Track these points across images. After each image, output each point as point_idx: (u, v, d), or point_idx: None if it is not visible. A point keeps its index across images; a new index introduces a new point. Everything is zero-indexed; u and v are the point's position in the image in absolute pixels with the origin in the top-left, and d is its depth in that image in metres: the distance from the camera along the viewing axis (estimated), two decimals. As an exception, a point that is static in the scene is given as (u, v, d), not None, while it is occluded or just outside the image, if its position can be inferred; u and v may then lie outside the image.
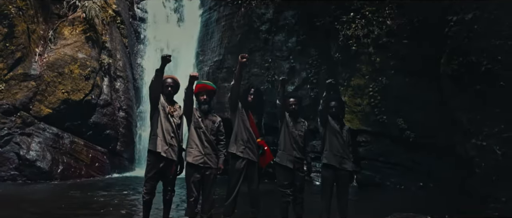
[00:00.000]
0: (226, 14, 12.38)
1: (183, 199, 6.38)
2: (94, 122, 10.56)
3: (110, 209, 5.84)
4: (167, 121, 3.93)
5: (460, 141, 7.37)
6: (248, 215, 4.21)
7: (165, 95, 4.00)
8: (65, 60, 10.34)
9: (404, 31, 8.81)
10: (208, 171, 3.91)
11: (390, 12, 9.22)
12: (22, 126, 9.21)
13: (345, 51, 9.35)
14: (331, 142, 4.21)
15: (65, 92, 10.00)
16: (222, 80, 11.83)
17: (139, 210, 5.51)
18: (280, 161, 4.23)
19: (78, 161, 9.77)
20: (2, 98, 9.22)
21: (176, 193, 4.18)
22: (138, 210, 5.76)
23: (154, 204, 4.21)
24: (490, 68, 7.09)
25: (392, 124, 8.65)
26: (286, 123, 4.24)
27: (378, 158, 8.83)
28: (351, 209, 5.28)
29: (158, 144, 3.85)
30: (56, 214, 5.40)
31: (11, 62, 9.52)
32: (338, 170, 4.20)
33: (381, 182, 8.66)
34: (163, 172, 3.88)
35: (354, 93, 9.24)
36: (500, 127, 6.77)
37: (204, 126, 3.94)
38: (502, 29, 7.07)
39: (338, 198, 4.28)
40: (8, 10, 9.56)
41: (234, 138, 4.14)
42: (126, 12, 13.49)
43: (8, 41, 9.55)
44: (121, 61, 12.08)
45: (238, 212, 4.18)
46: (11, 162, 8.73)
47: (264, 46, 11.10)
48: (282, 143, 4.29)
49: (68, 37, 10.98)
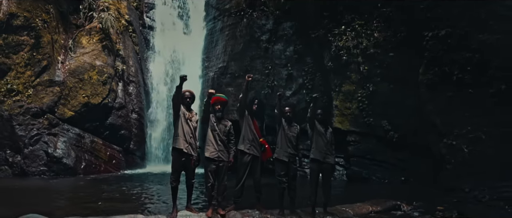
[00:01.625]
0: (229, 24, 13.46)
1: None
2: (110, 123, 11.65)
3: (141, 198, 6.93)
4: (186, 125, 5.02)
5: (434, 140, 8.46)
6: (253, 199, 5.33)
7: (184, 105, 5.08)
8: (84, 67, 11.43)
9: (389, 43, 9.92)
10: (222, 163, 5.02)
11: (377, 25, 10.32)
12: (49, 127, 10.31)
13: (337, 60, 10.45)
14: (317, 141, 5.32)
15: (85, 96, 11.10)
16: (226, 85, 12.93)
17: (164, 198, 6.64)
18: (277, 156, 5.34)
19: (98, 158, 10.88)
20: (31, 102, 10.34)
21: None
22: (163, 197, 6.87)
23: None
24: (460, 77, 8.16)
25: (378, 126, 9.76)
26: (283, 126, 5.34)
27: (366, 155, 9.94)
28: (339, 197, 6.41)
29: (180, 142, 4.93)
30: (103, 205, 6.15)
31: (38, 70, 10.63)
32: (322, 163, 5.31)
33: (368, 177, 9.77)
34: (185, 164, 4.97)
35: (344, 98, 10.34)
36: (467, 128, 7.86)
37: (218, 129, 5.05)
38: (471, 44, 8.14)
39: (323, 185, 5.41)
40: (35, 23, 10.68)
41: (242, 138, 5.26)
42: (136, 21, 14.57)
43: (35, 51, 10.66)
44: (133, 67, 13.16)
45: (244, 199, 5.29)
46: (41, 158, 9.83)
47: (265, 54, 12.20)
48: (279, 142, 5.39)
49: (86, 46, 12.07)
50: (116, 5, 13.44)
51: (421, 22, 9.08)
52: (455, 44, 8.32)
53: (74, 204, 5.85)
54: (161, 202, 6.65)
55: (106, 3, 13.18)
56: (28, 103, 10.21)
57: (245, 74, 12.11)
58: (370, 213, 5.58)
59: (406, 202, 6.16)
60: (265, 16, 12.51)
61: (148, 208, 5.96)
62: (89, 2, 13.15)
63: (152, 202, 6.67)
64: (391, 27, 10.04)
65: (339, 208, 5.55)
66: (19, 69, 10.46)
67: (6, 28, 10.40)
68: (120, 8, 13.59)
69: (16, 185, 8.30)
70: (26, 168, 9.60)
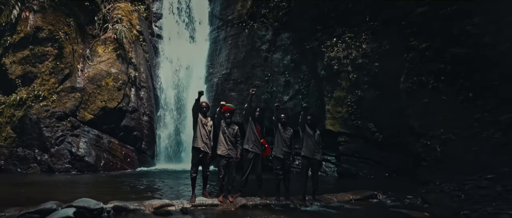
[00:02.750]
0: (232, 34, 14.68)
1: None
2: (125, 125, 12.85)
3: (159, 190, 8.12)
4: (203, 129, 6.21)
5: (412, 141, 9.66)
6: (255, 188, 6.55)
7: (201, 113, 6.28)
8: (101, 74, 12.64)
9: (375, 54, 11.10)
10: (231, 159, 6.24)
11: (365, 37, 11.50)
12: (72, 129, 11.51)
13: (329, 69, 11.65)
14: (307, 141, 6.54)
15: (102, 101, 12.30)
16: (229, 90, 14.14)
17: (175, 189, 7.83)
18: (275, 153, 6.55)
19: (114, 156, 12.09)
20: (55, 107, 11.53)
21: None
22: (174, 189, 8.06)
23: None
24: (435, 86, 9.38)
25: (365, 128, 10.95)
26: (279, 130, 6.56)
27: (354, 154, 11.15)
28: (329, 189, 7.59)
29: (198, 142, 6.13)
30: (131, 194, 7.24)
31: (61, 78, 11.84)
32: (311, 159, 6.53)
33: (356, 173, 10.99)
34: (202, 159, 6.17)
35: (335, 103, 11.54)
36: (440, 130, 9.07)
37: (228, 132, 6.26)
38: (445, 56, 9.35)
39: (312, 177, 6.62)
40: (58, 35, 11.90)
41: (246, 139, 6.48)
42: (146, 30, 15.78)
43: (58, 60, 11.87)
44: (144, 74, 14.36)
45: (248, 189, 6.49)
46: (65, 157, 11.04)
47: (264, 62, 13.40)
48: (276, 142, 6.59)
49: (102, 54, 13.27)
50: (128, 16, 14.65)
51: (403, 36, 10.30)
52: (432, 56, 9.54)
53: (112, 194, 6.92)
54: (174, 193, 7.83)
55: (119, 14, 14.41)
56: (53, 108, 11.41)
57: (246, 80, 13.49)
58: (350, 201, 6.79)
59: (382, 192, 7.38)
60: (265, 27, 13.72)
61: (166, 197, 7.16)
62: (104, 13, 14.39)
63: (167, 192, 7.86)
64: (378, 40, 11.24)
65: (325, 196, 6.78)
66: (44, 77, 11.67)
67: (32, 40, 11.63)
68: (132, 19, 14.79)
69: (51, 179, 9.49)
70: (53, 165, 10.80)
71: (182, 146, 14.80)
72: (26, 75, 11.57)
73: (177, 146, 14.83)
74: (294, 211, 5.96)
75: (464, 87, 8.89)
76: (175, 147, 14.80)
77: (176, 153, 14.74)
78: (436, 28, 9.61)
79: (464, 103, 8.82)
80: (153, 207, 5.42)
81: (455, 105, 8.98)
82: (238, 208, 5.87)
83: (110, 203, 5.30)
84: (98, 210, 4.99)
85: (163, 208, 5.42)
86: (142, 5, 15.78)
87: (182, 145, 14.81)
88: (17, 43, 11.56)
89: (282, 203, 6.24)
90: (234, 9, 14.90)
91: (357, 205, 6.54)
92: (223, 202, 6.04)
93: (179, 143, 14.76)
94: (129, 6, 15.06)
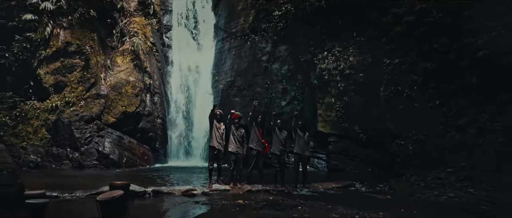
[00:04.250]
0: (235, 45, 16.43)
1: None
2: (141, 127, 14.60)
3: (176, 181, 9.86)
4: (217, 131, 7.97)
5: (389, 141, 11.43)
6: (258, 178, 8.34)
7: (216, 119, 8.04)
8: (121, 83, 14.39)
9: (361, 66, 12.84)
10: (239, 155, 8.02)
11: (352, 51, 13.25)
12: (97, 130, 13.26)
13: (321, 78, 13.40)
14: (298, 141, 8.31)
15: (123, 106, 14.05)
16: (233, 96, 15.89)
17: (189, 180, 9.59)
18: (272, 150, 8.32)
19: (134, 154, 13.85)
20: (83, 111, 13.28)
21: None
22: (188, 180, 9.80)
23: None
24: (409, 94, 11.13)
25: (351, 130, 12.70)
26: (276, 132, 8.33)
27: (342, 152, 12.91)
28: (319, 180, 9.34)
29: (214, 142, 7.88)
30: (160, 183, 9.02)
31: (87, 86, 13.59)
32: (301, 155, 8.30)
33: (343, 168, 12.75)
34: (216, 155, 7.93)
35: (326, 108, 13.30)
36: (412, 132, 10.82)
37: (236, 134, 8.03)
38: (417, 69, 11.10)
39: (302, 169, 8.40)
40: (85, 49, 13.66)
41: (251, 140, 8.27)
42: (158, 41, 17.52)
43: (85, 71, 13.62)
44: (157, 81, 16.11)
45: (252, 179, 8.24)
46: (93, 155, 12.79)
47: (265, 72, 15.17)
48: (274, 142, 8.35)
49: (121, 64, 15.03)
50: (142, 29, 16.42)
51: (383, 51, 12.06)
52: (406, 69, 11.31)
53: (142, 184, 8.62)
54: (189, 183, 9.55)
55: (134, 28, 16.20)
56: (81, 112, 13.16)
57: (249, 87, 15.30)
58: (333, 188, 8.56)
59: (359, 182, 9.15)
60: (265, 40, 15.49)
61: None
62: (121, 27, 16.16)
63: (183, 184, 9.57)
64: (363, 54, 12.99)
65: (313, 184, 8.55)
66: (73, 86, 13.43)
67: (63, 53, 13.40)
68: (146, 32, 16.56)
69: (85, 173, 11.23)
70: (82, 162, 12.55)
71: (191, 145, 16.56)
72: (58, 84, 13.32)
73: (187, 146, 16.59)
74: (288, 194, 7.73)
75: (433, 96, 10.62)
76: (184, 146, 16.56)
77: (186, 152, 16.50)
78: (410, 46, 11.38)
79: (432, 109, 10.56)
80: (181, 191, 7.19)
81: (425, 111, 10.73)
82: (245, 192, 7.63)
83: (149, 188, 7.07)
84: (142, 192, 6.75)
85: (189, 192, 7.18)
86: (154, 18, 17.51)
87: (190, 145, 16.57)
88: (50, 56, 13.31)
89: (278, 189, 8.01)
90: (237, 23, 16.65)
91: (338, 191, 8.31)
92: (233, 188, 7.81)
93: (188, 143, 16.52)
94: (143, 20, 16.82)
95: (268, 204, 6.32)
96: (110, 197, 4.50)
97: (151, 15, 17.40)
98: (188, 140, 16.66)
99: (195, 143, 16.38)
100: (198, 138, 16.47)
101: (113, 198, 4.52)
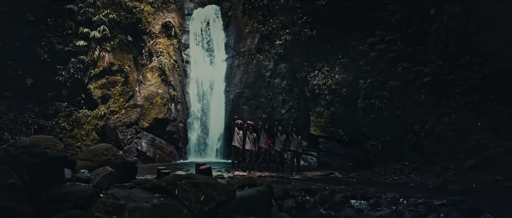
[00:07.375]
0: (243, 63, 19.87)
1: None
2: (168, 130, 18.03)
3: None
4: (237, 135, 11.39)
5: (365, 142, 14.88)
6: (264, 169, 11.81)
7: (237, 127, 11.45)
8: (152, 94, 17.84)
9: (344, 82, 16.25)
10: (252, 152, 11.43)
11: (338, 70, 16.69)
12: (135, 133, 16.71)
13: (313, 92, 16.84)
14: (293, 142, 11.74)
15: (154, 114, 17.50)
16: (242, 105, 19.33)
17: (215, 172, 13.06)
18: (275, 149, 11.75)
19: (163, 152, 17.30)
20: (124, 118, 16.72)
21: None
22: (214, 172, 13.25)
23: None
24: (379, 106, 14.60)
25: (337, 132, 16.13)
26: (278, 136, 11.77)
27: (329, 150, 16.36)
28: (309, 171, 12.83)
29: (235, 142, 11.31)
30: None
31: (127, 98, 17.04)
32: (296, 152, 11.73)
33: (330, 163, 16.19)
34: (237, 152, 11.36)
35: (317, 115, 16.75)
36: (381, 135, 14.27)
37: (251, 136, 11.46)
38: (386, 86, 14.57)
39: (297, 163, 11.85)
40: (125, 68, 17.10)
41: (260, 141, 11.70)
42: (179, 58, 20.94)
43: (125, 85, 17.08)
44: (179, 92, 19.55)
45: (260, 169, 11.71)
46: (133, 152, 16.23)
47: (268, 85, 18.62)
48: (276, 143, 11.77)
49: (151, 79, 18.48)
50: (166, 49, 19.86)
51: (361, 71, 15.50)
52: (377, 86, 14.76)
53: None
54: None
55: (160, 48, 19.65)
56: (123, 119, 16.61)
57: (255, 98, 18.82)
58: (318, 175, 12.01)
59: (338, 172, 12.61)
60: (268, 59, 18.94)
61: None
62: (149, 48, 19.62)
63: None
64: (346, 73, 16.42)
65: (304, 173, 12.01)
66: (116, 98, 16.88)
67: (108, 72, 16.84)
68: (169, 51, 19.99)
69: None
70: (126, 158, 15.97)
71: (207, 145, 20.01)
72: (104, 96, 16.77)
73: (203, 145, 20.05)
74: (286, 179, 11.14)
75: (397, 108, 14.02)
76: (201, 145, 20.02)
77: (202, 150, 19.97)
78: (381, 68, 14.83)
79: (396, 118, 13.96)
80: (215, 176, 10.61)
81: (391, 119, 14.14)
82: (256, 177, 11.06)
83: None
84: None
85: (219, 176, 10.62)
86: (175, 39, 20.95)
87: (206, 144, 20.03)
88: (97, 74, 16.74)
89: (279, 175, 11.47)
90: (245, 44, 20.10)
91: (321, 177, 11.76)
92: (248, 174, 11.26)
93: (205, 143, 19.98)
94: (166, 41, 20.26)
95: (272, 182, 9.73)
96: (207, 167, 7.64)
97: (173, 36, 20.82)
98: (204, 141, 20.10)
99: (211, 143, 19.82)
100: (212, 139, 19.92)
101: (208, 167, 7.65)
